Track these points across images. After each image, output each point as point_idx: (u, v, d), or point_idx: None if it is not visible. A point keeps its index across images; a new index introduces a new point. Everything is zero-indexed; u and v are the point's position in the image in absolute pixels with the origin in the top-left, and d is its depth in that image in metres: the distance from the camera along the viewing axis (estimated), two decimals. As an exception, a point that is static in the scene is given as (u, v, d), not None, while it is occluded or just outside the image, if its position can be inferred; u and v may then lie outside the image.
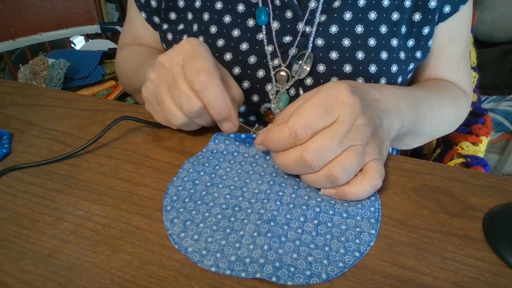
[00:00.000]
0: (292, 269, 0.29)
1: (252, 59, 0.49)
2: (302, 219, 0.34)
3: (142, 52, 0.60)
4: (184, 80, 0.38)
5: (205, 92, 0.37)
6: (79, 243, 0.32)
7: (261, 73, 0.49)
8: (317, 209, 0.35)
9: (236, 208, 0.35)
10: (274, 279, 0.28)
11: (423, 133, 0.51)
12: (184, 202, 0.36)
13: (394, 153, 0.64)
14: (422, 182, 0.38)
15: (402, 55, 0.49)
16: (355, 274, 0.30)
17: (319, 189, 0.36)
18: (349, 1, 0.46)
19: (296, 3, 0.47)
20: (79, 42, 1.81)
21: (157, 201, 0.36)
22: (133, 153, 0.42)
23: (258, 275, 0.29)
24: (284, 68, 0.49)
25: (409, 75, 0.53)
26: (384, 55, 0.47)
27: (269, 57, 0.49)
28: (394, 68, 0.48)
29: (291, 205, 0.35)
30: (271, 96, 0.50)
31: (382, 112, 0.38)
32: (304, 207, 0.35)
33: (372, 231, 0.33)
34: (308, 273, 0.29)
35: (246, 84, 0.50)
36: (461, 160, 0.66)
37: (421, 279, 0.29)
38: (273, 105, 0.50)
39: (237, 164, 0.40)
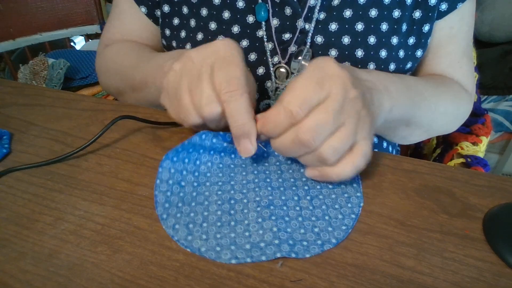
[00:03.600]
0: (305, 243, 0.32)
1: (253, 56, 0.49)
2: (296, 198, 0.36)
3: (140, 46, 0.56)
4: (209, 80, 0.35)
5: (231, 103, 0.34)
6: (79, 243, 0.32)
7: (261, 70, 0.49)
8: (306, 187, 0.37)
9: (232, 201, 0.36)
10: (293, 255, 0.31)
11: (418, 124, 0.50)
12: (178, 208, 0.35)
13: (394, 153, 0.64)
14: (422, 182, 0.38)
15: (401, 53, 0.49)
16: (355, 274, 0.30)
17: (302, 170, 0.39)
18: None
19: (295, 0, 0.47)
20: (79, 42, 1.81)
21: (157, 201, 0.36)
22: (133, 153, 0.42)
23: (278, 255, 0.31)
24: (284, 65, 0.49)
25: (408, 74, 0.52)
26: (383, 53, 0.47)
27: (268, 54, 0.49)
28: (392, 66, 0.48)
29: (281, 188, 0.37)
30: (270, 93, 0.50)
31: (369, 89, 0.38)
32: (293, 187, 0.37)
33: (358, 194, 0.37)
34: (319, 242, 0.32)
35: None
36: (461, 160, 0.66)
37: (421, 279, 0.29)
38: (272, 102, 0.50)
39: (217, 155, 0.40)
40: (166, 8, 0.53)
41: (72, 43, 1.37)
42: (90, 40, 1.32)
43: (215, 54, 0.36)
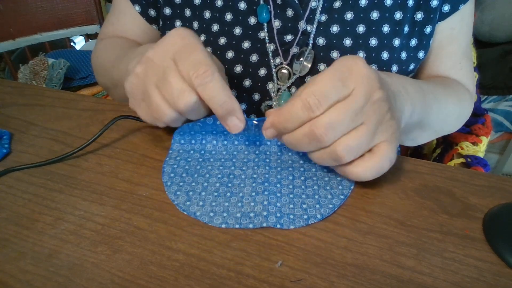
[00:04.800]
0: (291, 216, 0.34)
1: (254, 58, 0.49)
2: (290, 177, 0.38)
3: (123, 43, 0.56)
4: (176, 73, 0.34)
5: (206, 85, 0.33)
6: (79, 243, 0.32)
7: (262, 72, 0.49)
8: (301, 169, 0.39)
9: (231, 176, 0.39)
10: (278, 226, 0.33)
11: (429, 126, 0.50)
12: (181, 177, 0.39)
13: (394, 153, 0.64)
14: (422, 182, 0.38)
15: (403, 55, 0.49)
16: (355, 274, 0.30)
17: (301, 154, 0.40)
18: (350, 2, 0.47)
19: (296, 1, 0.47)
20: (79, 42, 1.81)
21: (157, 201, 0.36)
22: (133, 153, 0.42)
23: (264, 225, 0.33)
24: (286, 66, 0.49)
25: (410, 76, 0.53)
26: (385, 55, 0.47)
27: (270, 55, 0.49)
28: (394, 68, 0.48)
29: (279, 168, 0.39)
30: (272, 94, 0.50)
31: (393, 93, 0.37)
32: (290, 168, 0.40)
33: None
34: (305, 216, 0.34)
35: (247, 82, 0.50)
36: (461, 160, 0.66)
37: (421, 279, 0.29)
38: (274, 103, 0.50)
39: (221, 134, 0.42)
40: (167, 11, 0.53)
41: (72, 43, 1.37)
42: (90, 40, 1.32)
43: (173, 47, 0.35)
